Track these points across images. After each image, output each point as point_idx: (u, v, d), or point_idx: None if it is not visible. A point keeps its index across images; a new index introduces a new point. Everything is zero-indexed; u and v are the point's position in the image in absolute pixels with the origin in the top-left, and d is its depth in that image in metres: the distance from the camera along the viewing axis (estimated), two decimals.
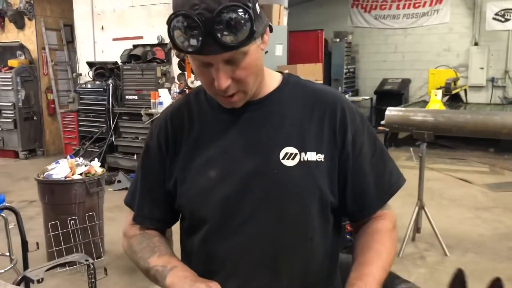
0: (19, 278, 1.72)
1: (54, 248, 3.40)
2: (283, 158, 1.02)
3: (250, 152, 1.04)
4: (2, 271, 3.00)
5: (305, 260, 1.05)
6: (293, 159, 1.02)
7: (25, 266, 2.60)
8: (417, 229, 4.02)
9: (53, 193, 3.50)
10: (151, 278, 1.03)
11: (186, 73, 5.28)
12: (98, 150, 6.31)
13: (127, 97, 6.22)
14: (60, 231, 3.41)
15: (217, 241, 1.05)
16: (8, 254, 3.07)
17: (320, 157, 1.03)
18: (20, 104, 7.47)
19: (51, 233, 3.42)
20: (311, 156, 1.03)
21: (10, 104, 7.49)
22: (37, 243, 2.53)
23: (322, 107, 1.07)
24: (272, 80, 1.10)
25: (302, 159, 1.02)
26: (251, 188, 1.02)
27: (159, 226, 1.16)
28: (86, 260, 1.83)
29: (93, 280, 1.81)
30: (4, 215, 3.11)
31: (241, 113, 1.06)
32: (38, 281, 1.61)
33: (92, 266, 1.85)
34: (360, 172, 1.07)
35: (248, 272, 1.04)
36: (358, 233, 1.12)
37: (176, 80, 5.79)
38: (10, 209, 2.71)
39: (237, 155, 1.04)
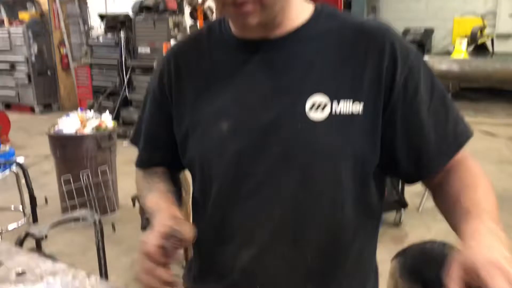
0: (23, 235, 1.66)
1: (68, 203, 3.39)
2: (310, 108, 0.85)
3: (269, 100, 0.87)
4: (15, 225, 2.99)
5: (332, 227, 0.89)
6: (322, 110, 0.84)
7: (35, 221, 2.57)
8: None
9: (64, 147, 3.45)
10: (150, 218, 0.94)
11: (198, 22, 5.08)
12: (112, 104, 6.25)
13: (139, 50, 6.08)
14: (73, 186, 3.38)
15: (229, 205, 0.91)
16: (21, 209, 3.06)
17: (358, 107, 0.84)
18: (33, 59, 7.39)
19: (64, 188, 3.40)
20: (346, 106, 0.84)
21: (23, 59, 7.41)
22: (46, 198, 2.48)
23: (365, 44, 0.86)
24: (301, 12, 0.90)
25: (333, 112, 0.84)
26: (268, 145, 0.86)
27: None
28: (92, 217, 1.76)
29: (99, 237, 1.75)
30: (15, 170, 3.07)
31: (261, 53, 0.89)
32: (42, 238, 1.54)
33: (98, 223, 1.79)
34: (415, 123, 0.87)
35: (264, 241, 0.89)
36: (441, 185, 0.90)
37: (188, 31, 5.60)
38: (18, 164, 2.66)
39: (254, 103, 0.88)
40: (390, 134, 0.86)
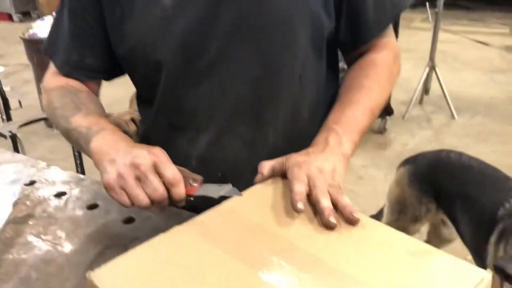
0: None
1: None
2: None
3: None
4: None
5: (292, 104, 0.85)
6: None
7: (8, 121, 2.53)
8: (425, 90, 3.85)
9: (41, 52, 3.30)
10: (73, 141, 0.81)
11: None
12: None
13: None
14: None
15: (181, 91, 0.83)
16: None
17: None
18: None
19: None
20: None
21: None
22: (19, 101, 2.41)
23: None
24: None
25: None
26: (219, 17, 0.78)
27: (92, 76, 0.90)
28: None
29: None
30: None
31: None
32: (10, 137, 1.50)
33: None
34: None
35: (223, 123, 0.84)
36: (349, 69, 0.90)
37: None
38: None
39: None
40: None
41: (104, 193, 0.71)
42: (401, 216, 1.74)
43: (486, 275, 0.51)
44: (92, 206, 0.87)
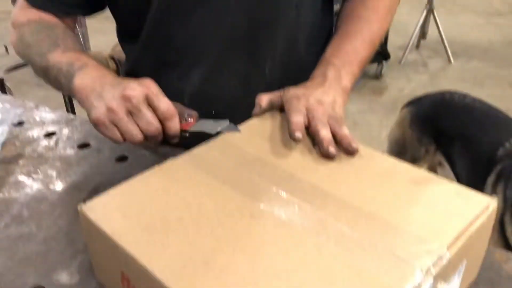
0: None
1: None
2: None
3: None
4: None
5: (289, 35, 0.81)
6: None
7: None
8: (423, 34, 3.77)
9: None
10: (51, 80, 0.73)
11: None
12: None
13: None
14: None
15: (171, 21, 0.78)
16: None
17: None
18: None
19: None
20: None
21: None
22: (5, 46, 2.33)
23: None
24: None
25: None
26: None
27: (69, 11, 0.82)
28: None
29: None
30: None
31: None
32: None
33: None
34: None
35: (216, 57, 0.80)
36: (346, 0, 0.85)
37: None
38: None
39: None
40: None
41: (95, 133, 0.67)
42: (400, 157, 1.73)
43: (492, 202, 0.49)
44: (83, 145, 0.85)
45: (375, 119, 2.85)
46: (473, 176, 1.46)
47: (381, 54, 3.31)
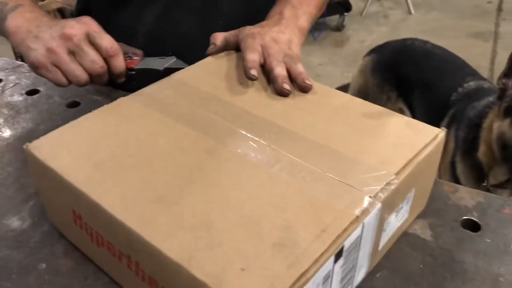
0: None
1: None
2: None
3: None
4: None
5: None
6: None
7: None
8: None
9: None
10: None
11: None
12: None
13: None
14: None
15: None
16: None
17: None
18: None
19: None
20: None
21: None
22: None
23: None
24: None
25: None
26: None
27: None
28: None
29: None
30: None
31: None
32: None
33: None
34: None
35: None
36: None
37: None
38: None
39: None
40: None
41: (45, 79, 0.64)
42: None
43: (441, 132, 0.50)
44: (32, 92, 0.81)
45: (337, 71, 2.86)
46: (428, 121, 1.50)
47: (342, 6, 3.29)
